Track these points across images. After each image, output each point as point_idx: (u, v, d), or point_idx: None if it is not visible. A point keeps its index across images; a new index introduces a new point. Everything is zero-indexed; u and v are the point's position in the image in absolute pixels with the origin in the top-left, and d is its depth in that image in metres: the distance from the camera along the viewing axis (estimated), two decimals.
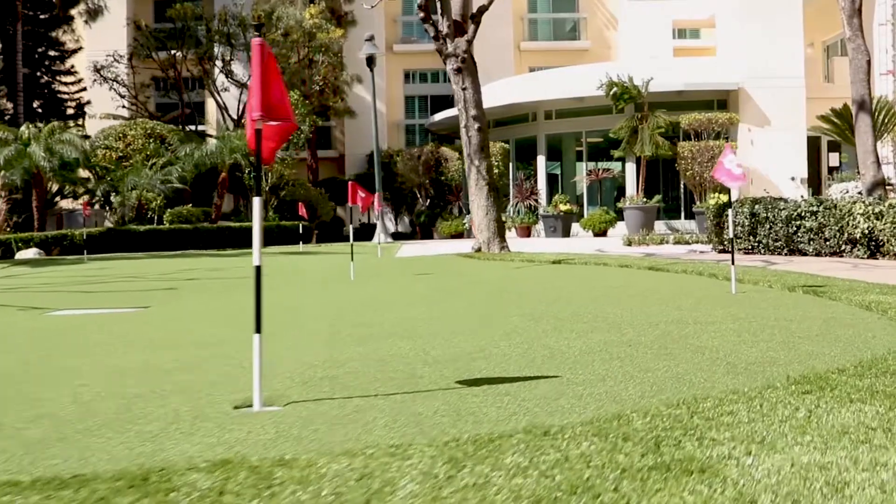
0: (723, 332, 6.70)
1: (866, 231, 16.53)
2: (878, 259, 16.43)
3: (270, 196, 34.67)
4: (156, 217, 31.43)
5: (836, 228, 17.15)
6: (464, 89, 19.33)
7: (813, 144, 33.82)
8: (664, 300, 9.45)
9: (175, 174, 31.56)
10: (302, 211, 27.17)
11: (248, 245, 28.94)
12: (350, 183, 14.82)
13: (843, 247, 17.08)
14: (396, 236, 42.01)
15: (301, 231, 27.42)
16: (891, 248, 16.03)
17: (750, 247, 19.32)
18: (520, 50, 46.74)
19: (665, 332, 6.76)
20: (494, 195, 19.48)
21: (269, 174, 34.17)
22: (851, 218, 16.87)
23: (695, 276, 12.99)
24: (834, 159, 34.46)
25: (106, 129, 36.82)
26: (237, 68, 42.38)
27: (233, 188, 36.21)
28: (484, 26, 47.40)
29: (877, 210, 16.47)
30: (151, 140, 34.39)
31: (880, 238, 16.35)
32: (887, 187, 28.15)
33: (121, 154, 33.46)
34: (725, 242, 20.09)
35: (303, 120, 34.74)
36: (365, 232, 40.03)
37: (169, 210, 31.08)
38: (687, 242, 24.84)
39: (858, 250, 16.75)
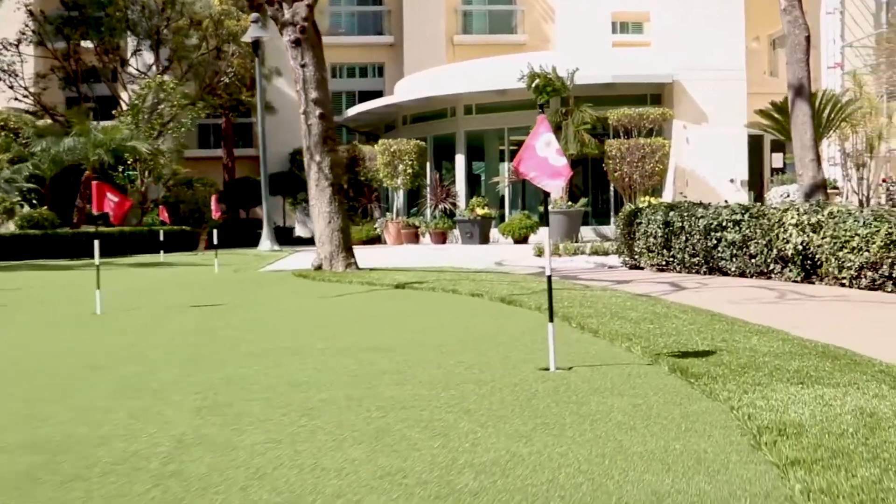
0: None
1: (800, 246, 12.30)
2: (813, 283, 12.21)
3: (144, 198, 30.10)
4: (2, 221, 26.69)
5: (764, 242, 12.92)
6: (303, 66, 14.89)
7: (755, 144, 29.65)
8: (384, 394, 5.15)
9: (25, 172, 26.79)
10: (163, 215, 22.81)
11: (110, 253, 24.49)
12: (94, 183, 10.32)
13: (772, 265, 12.84)
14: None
15: (162, 238, 22.83)
16: (830, 268, 11.77)
17: (664, 262, 15.13)
18: (453, 44, 42.36)
19: None
20: (340, 199, 15.02)
21: (148, 172, 29.71)
22: (782, 230, 12.64)
23: (539, 313, 8.76)
24: (777, 160, 30.27)
25: None
26: (144, 58, 37.79)
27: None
28: (415, 18, 43.46)
29: (813, 220, 12.25)
30: (2, 133, 29.61)
31: (817, 256, 12.11)
32: (831, 191, 24.04)
33: None
34: (637, 256, 15.89)
35: (181, 110, 30.16)
36: (281, 235, 35.65)
37: (19, 214, 26.30)
38: (605, 253, 20.62)
39: (790, 270, 12.53)
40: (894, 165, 24.83)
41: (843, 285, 11.47)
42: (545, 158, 5.61)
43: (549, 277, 5.88)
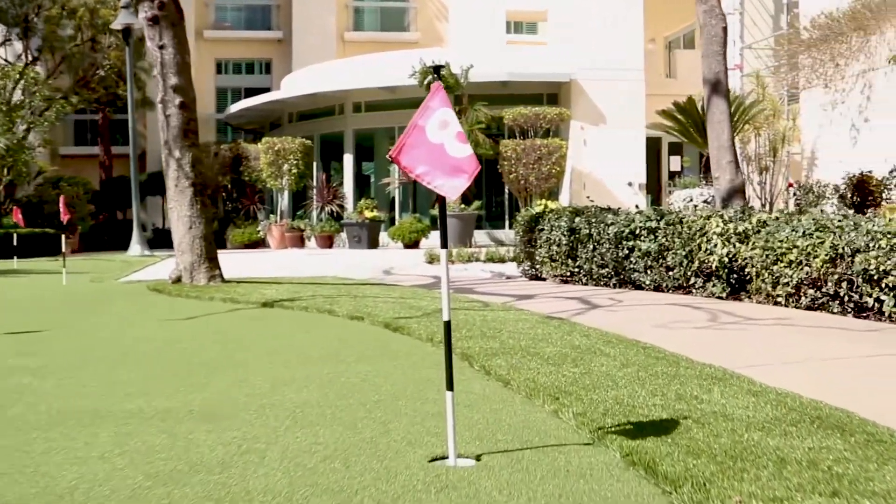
0: None
1: (726, 259, 10.64)
2: (741, 300, 10.57)
3: (4, 198, 27.23)
4: None
5: (684, 254, 11.24)
6: (161, 47, 12.67)
7: (653, 147, 28.31)
8: None
9: None
10: (17, 217, 20.23)
11: None
12: None
13: (693, 279, 11.17)
14: None
15: (16, 242, 20.18)
16: (763, 284, 10.12)
17: (569, 273, 13.38)
18: (344, 41, 40.16)
19: None
20: (203, 201, 12.79)
21: (7, 170, 26.87)
22: (705, 240, 10.97)
23: (431, 346, 6.91)
24: (675, 163, 29.02)
25: None
26: (15, 48, 34.74)
27: None
28: (304, 13, 41.15)
29: (740, 229, 10.61)
30: None
31: (746, 270, 10.46)
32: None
33: None
34: (538, 266, 14.12)
35: (46, 103, 27.35)
36: (160, 238, 33.07)
37: None
38: (502, 260, 18.86)
39: (714, 285, 10.86)
40: (794, 169, 23.68)
41: (777, 303, 9.83)
42: (440, 146, 3.66)
43: (448, 327, 3.89)
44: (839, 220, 9.52)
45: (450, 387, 3.80)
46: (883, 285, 8.42)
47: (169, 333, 8.46)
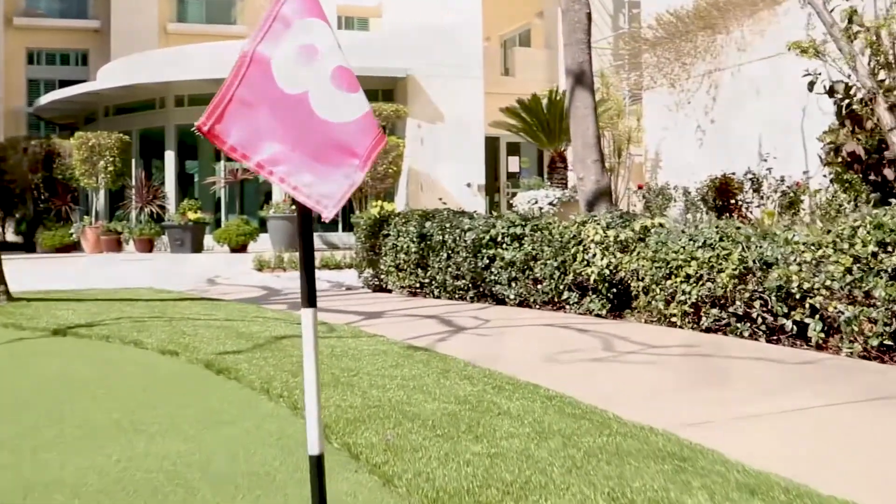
0: None
1: (606, 271, 9.02)
2: (625, 318, 8.99)
3: None
4: None
5: (555, 265, 9.57)
6: None
7: (491, 147, 26.81)
8: None
9: None
10: None
11: None
12: None
13: (567, 294, 9.52)
14: (3, 247, 31.48)
15: None
16: (653, 302, 8.51)
17: (418, 284, 11.57)
18: (167, 32, 37.18)
19: None
20: None
21: None
22: (581, 249, 9.32)
23: (268, 401, 4.93)
24: (514, 164, 27.63)
25: None
26: None
27: None
28: (124, 2, 37.94)
29: (622, 237, 9.00)
30: None
31: (630, 284, 8.87)
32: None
33: None
34: (383, 275, 12.22)
35: None
36: None
37: None
38: (338, 266, 16.90)
39: (592, 301, 9.24)
40: (635, 172, 22.60)
41: (672, 324, 8.24)
42: (302, 100, 1.73)
43: (319, 466, 1.94)
44: (744, 229, 8.00)
45: None
46: (807, 306, 6.91)
47: None
